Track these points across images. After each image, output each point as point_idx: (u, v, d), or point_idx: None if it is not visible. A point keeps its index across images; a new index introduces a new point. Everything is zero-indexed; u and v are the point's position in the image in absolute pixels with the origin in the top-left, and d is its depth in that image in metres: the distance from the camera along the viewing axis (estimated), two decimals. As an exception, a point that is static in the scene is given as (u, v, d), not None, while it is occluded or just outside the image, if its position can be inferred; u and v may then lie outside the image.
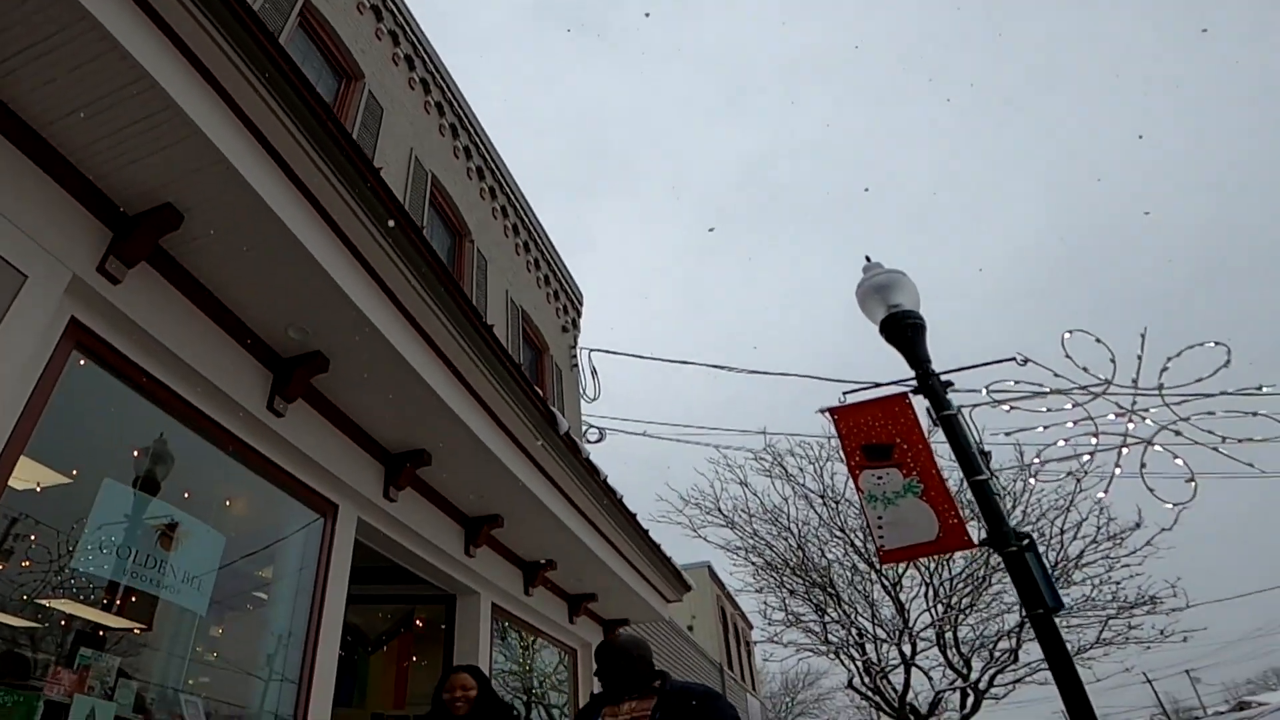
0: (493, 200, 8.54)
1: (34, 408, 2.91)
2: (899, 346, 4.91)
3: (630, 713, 2.90)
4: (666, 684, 2.99)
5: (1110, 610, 13.56)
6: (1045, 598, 4.47)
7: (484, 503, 5.56)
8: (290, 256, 3.39)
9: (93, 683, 3.16)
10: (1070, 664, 4.41)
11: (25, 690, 2.87)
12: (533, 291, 9.39)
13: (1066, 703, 4.25)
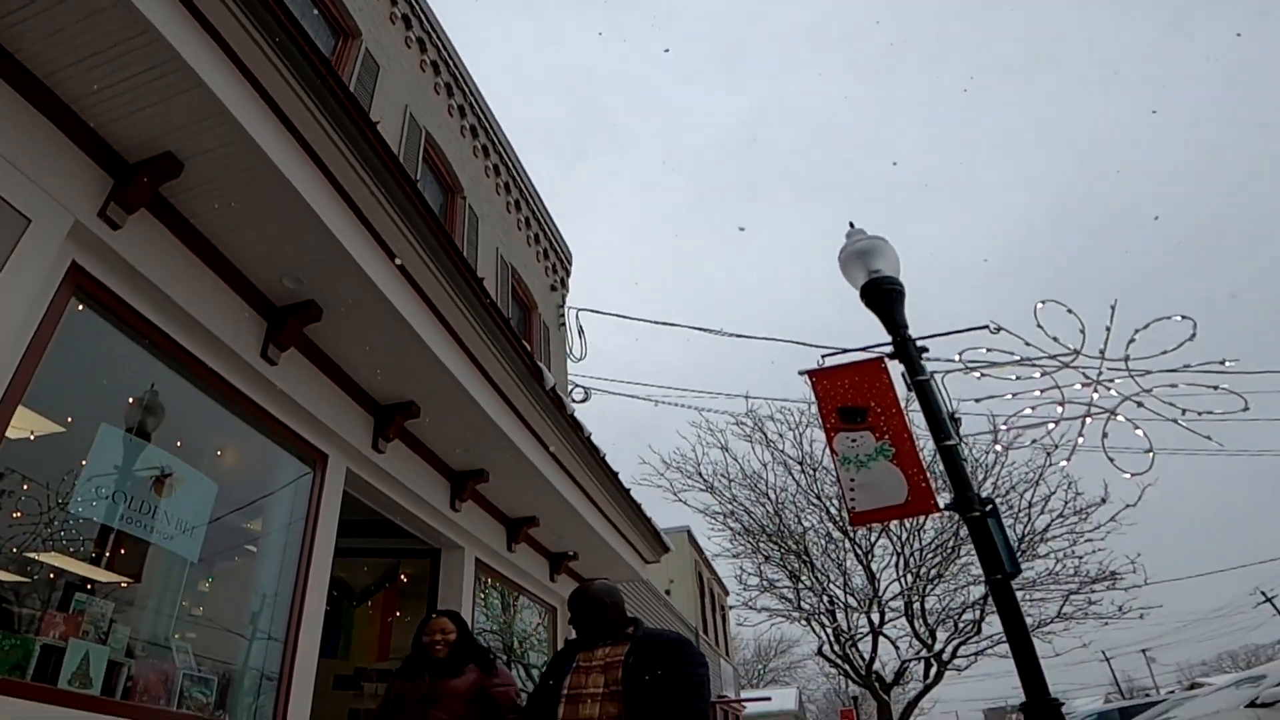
0: (485, 158, 8.58)
1: (35, 351, 2.98)
2: (877, 311, 5.05)
3: (604, 658, 2.93)
4: (639, 630, 3.05)
5: (1072, 585, 13.93)
6: (1004, 563, 4.68)
7: (470, 457, 5.70)
8: (288, 206, 3.47)
9: (87, 627, 3.26)
10: (1024, 627, 4.61)
11: (21, 634, 2.96)
12: (523, 250, 9.47)
13: (1019, 663, 4.46)
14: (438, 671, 3.65)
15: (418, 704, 3.55)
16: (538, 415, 5.58)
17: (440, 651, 3.72)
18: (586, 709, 2.79)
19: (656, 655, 2.82)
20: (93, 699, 3.09)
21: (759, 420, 14.37)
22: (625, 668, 2.81)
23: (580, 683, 2.88)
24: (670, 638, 3.00)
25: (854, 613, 15.46)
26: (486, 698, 3.59)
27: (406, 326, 4.19)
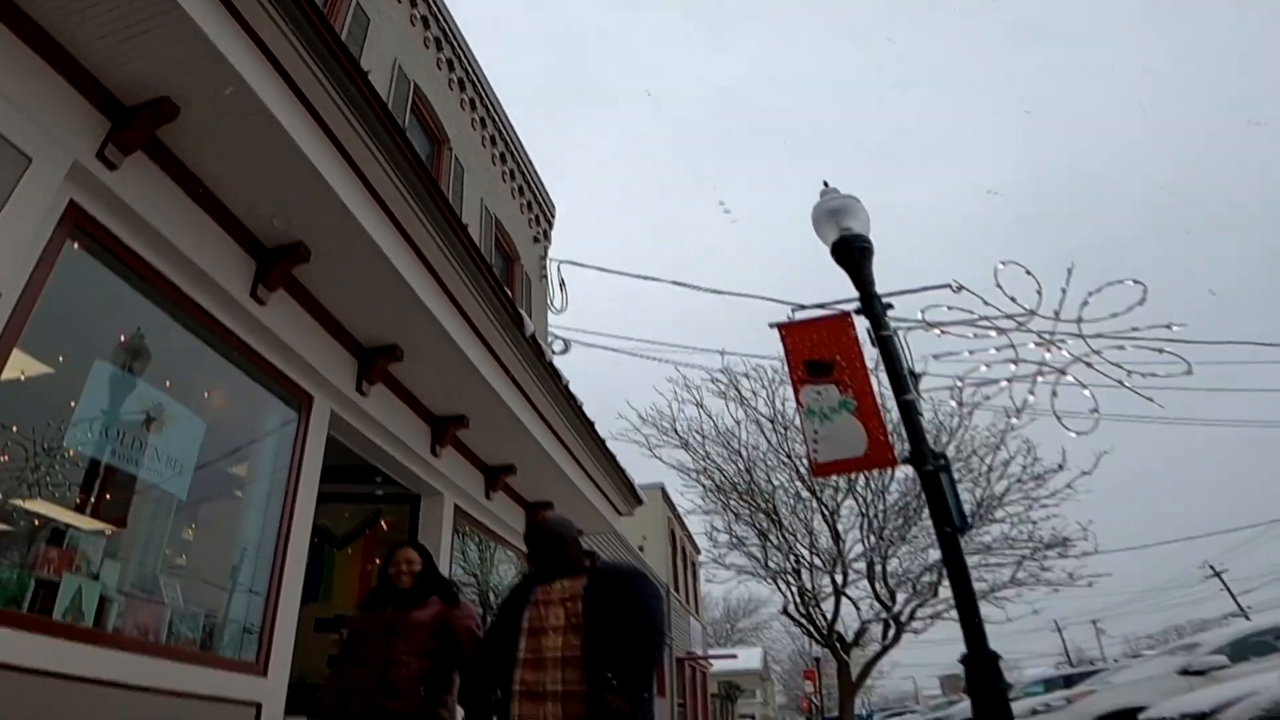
0: (472, 111, 8.66)
1: (33, 288, 3.09)
2: (847, 268, 5.26)
3: (563, 592, 2.94)
4: (596, 563, 3.08)
5: (1025, 550, 14.36)
6: (954, 518, 4.96)
7: (451, 402, 5.88)
8: (280, 150, 3.59)
9: (80, 562, 3.39)
10: (968, 581, 4.87)
11: (17, 569, 3.09)
12: (507, 201, 9.59)
13: (961, 615, 4.71)
14: (401, 603, 3.64)
15: (381, 635, 3.51)
16: (517, 361, 5.75)
17: (405, 582, 3.71)
18: (549, 641, 2.81)
19: (615, 587, 2.87)
20: (86, 631, 3.23)
21: (734, 377, 14.64)
22: (585, 600, 2.83)
23: (540, 616, 2.90)
24: (627, 570, 3.07)
25: (818, 572, 15.90)
26: (448, 630, 3.57)
27: (391, 268, 4.33)
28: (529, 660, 2.80)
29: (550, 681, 2.72)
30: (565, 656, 2.74)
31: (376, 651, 3.46)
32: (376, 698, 3.36)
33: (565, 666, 2.72)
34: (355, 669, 3.50)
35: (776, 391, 14.62)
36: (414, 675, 3.41)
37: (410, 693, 3.38)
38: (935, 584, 14.95)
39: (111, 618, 3.48)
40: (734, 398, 14.64)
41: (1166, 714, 6.14)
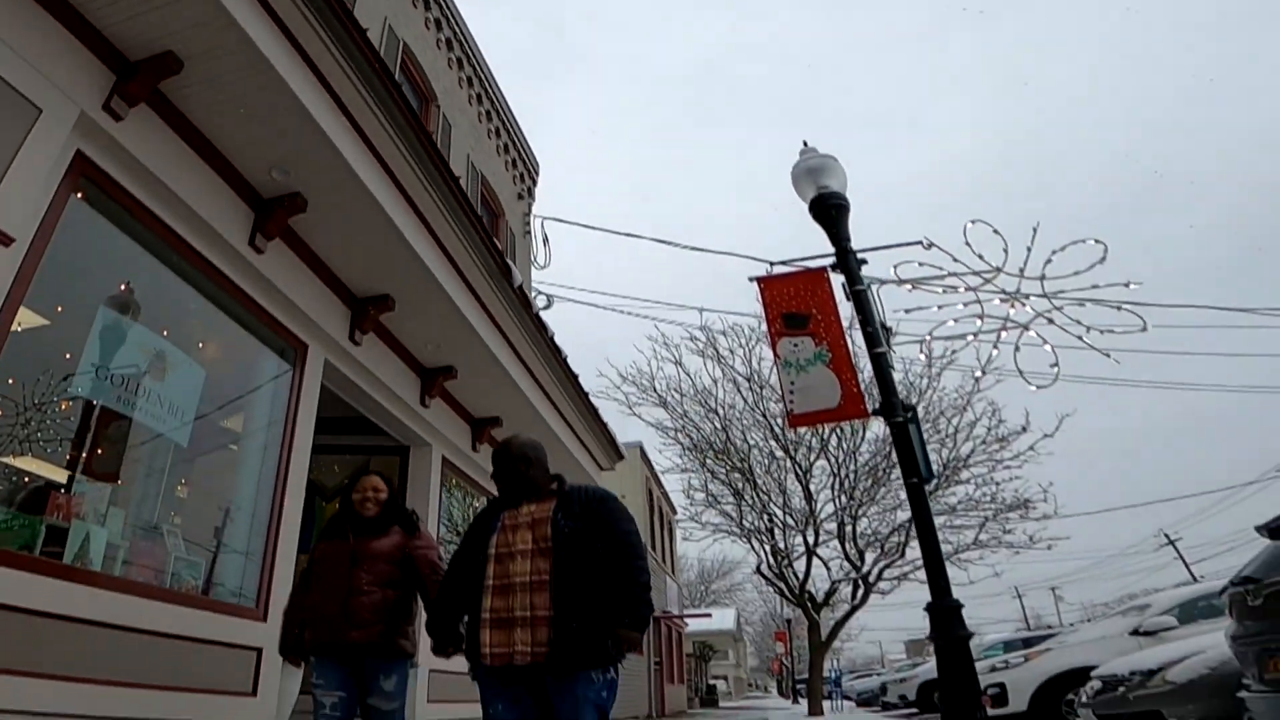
0: (460, 70, 8.71)
1: (44, 235, 3.20)
2: (824, 225, 5.45)
3: (531, 515, 2.85)
4: (564, 486, 2.97)
5: (989, 511, 14.78)
6: (920, 468, 5.22)
7: (440, 353, 6.05)
8: (280, 102, 3.72)
9: (87, 510, 3.53)
10: (933, 530, 5.12)
11: (29, 515, 3.22)
12: (492, 159, 9.68)
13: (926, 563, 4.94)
14: (362, 531, 3.54)
15: (342, 564, 3.42)
16: (505, 312, 5.91)
17: (371, 510, 3.59)
18: (517, 566, 2.73)
19: (585, 511, 2.80)
20: (94, 574, 3.38)
21: (712, 335, 14.84)
22: (554, 524, 2.75)
23: (508, 541, 2.81)
24: (598, 493, 2.95)
25: (791, 532, 16.29)
26: (410, 559, 3.52)
27: (385, 217, 4.47)
28: (497, 587, 2.73)
29: (519, 608, 2.66)
30: (534, 582, 2.68)
31: (338, 581, 3.38)
32: (338, 627, 3.29)
33: (534, 592, 2.66)
34: (317, 599, 3.42)
35: (753, 350, 14.84)
36: (376, 605, 3.34)
37: (372, 622, 3.31)
38: (902, 544, 15.33)
39: (118, 562, 3.62)
40: (711, 356, 14.87)
41: (1117, 671, 6.35)
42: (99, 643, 3.22)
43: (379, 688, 3.33)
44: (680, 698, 25.21)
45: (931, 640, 4.77)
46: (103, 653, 3.23)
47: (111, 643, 3.28)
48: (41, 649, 2.95)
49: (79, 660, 3.10)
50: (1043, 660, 8.77)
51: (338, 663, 3.32)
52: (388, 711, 3.35)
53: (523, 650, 2.61)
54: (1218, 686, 5.17)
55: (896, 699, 17.78)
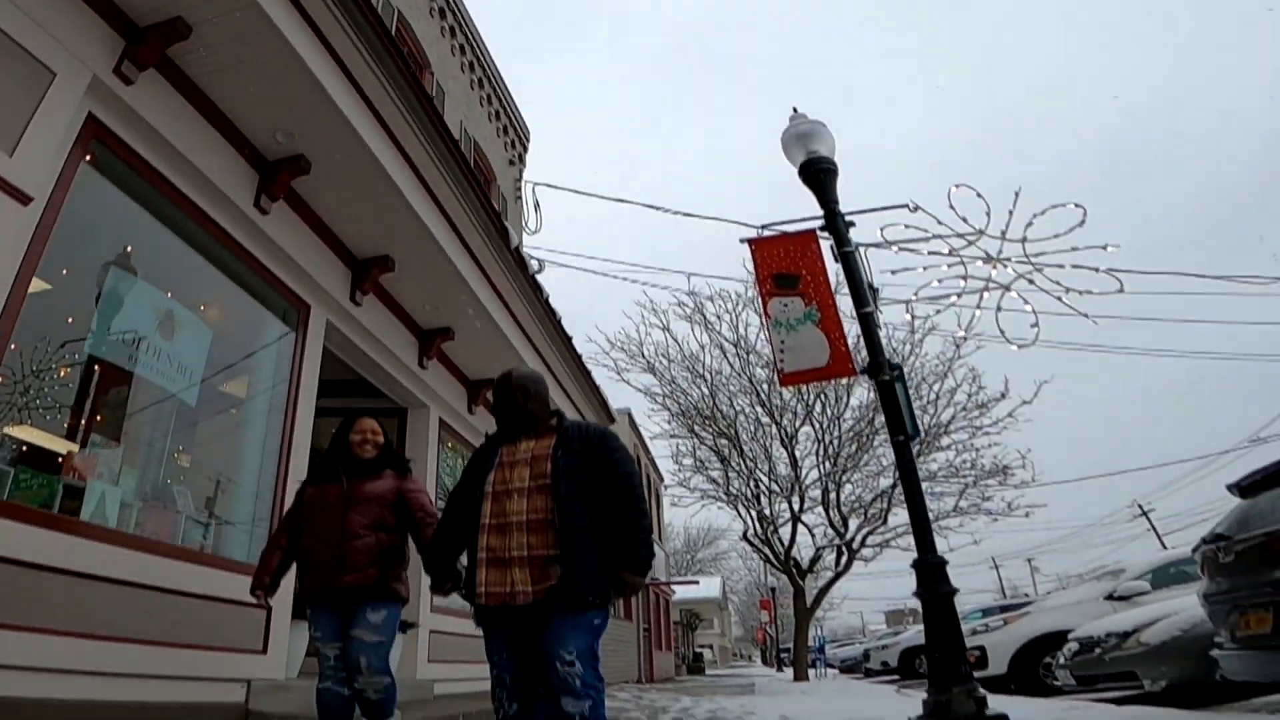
0: (452, 38, 8.76)
1: (58, 195, 3.28)
2: (813, 188, 5.60)
3: (530, 451, 2.77)
4: (564, 422, 2.90)
5: (969, 478, 15.04)
6: (907, 425, 5.41)
7: (438, 314, 6.17)
8: (287, 67, 3.81)
9: (101, 469, 3.63)
10: (918, 486, 5.30)
11: (47, 474, 3.31)
12: (484, 125, 9.76)
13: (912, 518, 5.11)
14: (355, 474, 3.47)
15: (335, 507, 3.35)
16: (501, 273, 6.04)
17: (370, 452, 3.54)
18: (513, 504, 2.67)
19: (586, 448, 2.73)
20: (110, 532, 3.47)
21: (699, 301, 14.97)
22: (553, 461, 2.68)
23: (505, 478, 2.74)
24: (598, 430, 2.88)
25: (777, 498, 16.54)
26: (403, 502, 3.46)
27: (386, 177, 4.56)
28: (494, 526, 2.67)
29: (515, 547, 2.61)
30: (531, 520, 2.62)
31: (331, 525, 3.31)
32: (331, 572, 3.23)
33: (530, 531, 2.61)
34: (309, 543, 3.35)
35: (740, 316, 14.97)
36: (370, 549, 3.28)
37: (366, 565, 3.25)
38: (885, 510, 15.57)
39: (132, 521, 3.71)
40: (699, 321, 14.99)
41: (1093, 633, 6.59)
42: (115, 599, 3.28)
43: (365, 619, 3.22)
44: (668, 664, 25.71)
45: (918, 596, 4.94)
46: (119, 609, 3.30)
47: (127, 599, 3.35)
48: (57, 605, 3.01)
49: (93, 616, 3.15)
50: (1021, 624, 9.01)
51: (332, 610, 3.26)
52: (371, 645, 3.21)
53: (523, 590, 2.56)
54: (1189, 648, 5.35)
55: (879, 665, 18.23)
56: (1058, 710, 4.89)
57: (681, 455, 16.66)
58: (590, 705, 2.49)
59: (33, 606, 2.90)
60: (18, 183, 3.00)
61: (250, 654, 4.12)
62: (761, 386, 15.04)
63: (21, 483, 3.17)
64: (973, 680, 4.58)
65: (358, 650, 3.19)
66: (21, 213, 3.04)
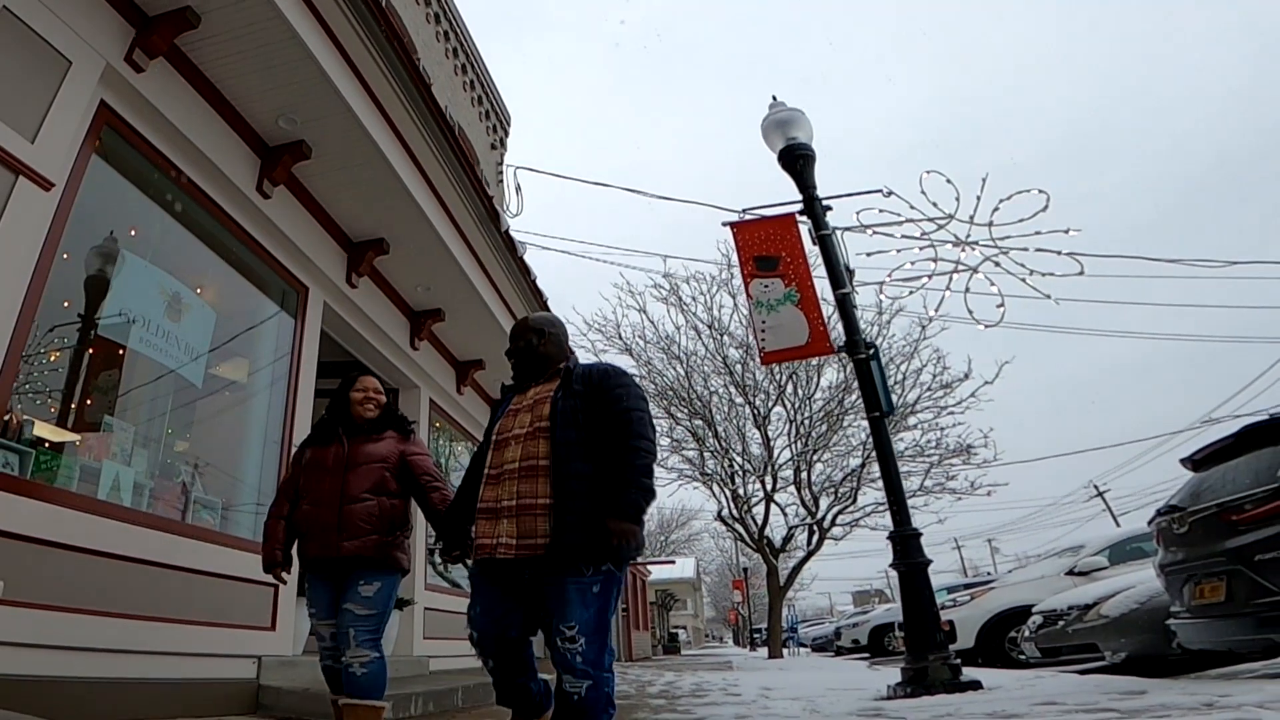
0: (436, 24, 8.83)
1: (74, 180, 3.37)
2: (792, 174, 5.86)
3: (534, 397, 2.60)
4: (571, 363, 2.71)
5: (934, 457, 15.46)
6: (882, 402, 5.70)
7: (430, 296, 6.32)
8: (291, 52, 3.93)
9: (115, 449, 3.70)
10: (893, 461, 5.60)
11: (64, 454, 3.39)
12: (467, 110, 9.86)
13: (888, 492, 5.41)
14: (355, 435, 3.29)
15: (334, 469, 3.17)
16: (491, 254, 6.20)
17: (371, 412, 3.37)
18: (510, 452, 2.50)
19: (587, 387, 2.53)
20: (126, 510, 3.57)
21: (675, 283, 15.22)
22: (552, 403, 2.50)
23: (508, 426, 2.59)
24: (603, 367, 2.68)
25: (750, 477, 16.87)
26: (405, 465, 3.27)
27: (384, 161, 4.70)
28: (491, 476, 2.52)
29: (506, 496, 2.43)
30: (523, 468, 2.44)
31: (331, 487, 3.13)
32: (330, 538, 3.04)
33: (521, 479, 2.42)
34: (307, 509, 3.15)
35: (714, 298, 15.24)
36: (371, 513, 3.10)
37: (367, 532, 3.06)
38: (855, 490, 15.95)
39: (145, 500, 3.81)
40: (675, 303, 15.25)
41: (1056, 606, 6.84)
42: (129, 576, 3.36)
43: (356, 592, 3.01)
44: (646, 644, 26.10)
45: (894, 567, 5.19)
46: (134, 586, 3.38)
47: (141, 577, 3.43)
48: (73, 582, 3.07)
49: (106, 594, 3.23)
50: (988, 599, 9.34)
51: (328, 583, 3.09)
52: (361, 617, 2.99)
53: (506, 543, 2.37)
54: (1146, 621, 5.52)
55: (850, 643, 18.65)
56: (1026, 679, 5.07)
57: (659, 435, 16.92)
58: (589, 686, 2.26)
59: (51, 584, 2.96)
60: (40, 169, 3.10)
61: (260, 630, 4.21)
62: (735, 368, 15.33)
63: (41, 463, 3.26)
64: (948, 649, 4.87)
65: (346, 623, 2.98)
66: (44, 198, 3.14)
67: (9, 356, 2.95)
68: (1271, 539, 3.60)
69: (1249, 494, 3.83)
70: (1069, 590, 7.44)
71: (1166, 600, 4.86)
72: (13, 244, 2.99)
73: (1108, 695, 3.66)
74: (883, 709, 4.07)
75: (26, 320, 3.07)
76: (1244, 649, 4.36)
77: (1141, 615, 5.69)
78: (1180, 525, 4.42)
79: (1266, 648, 4.10)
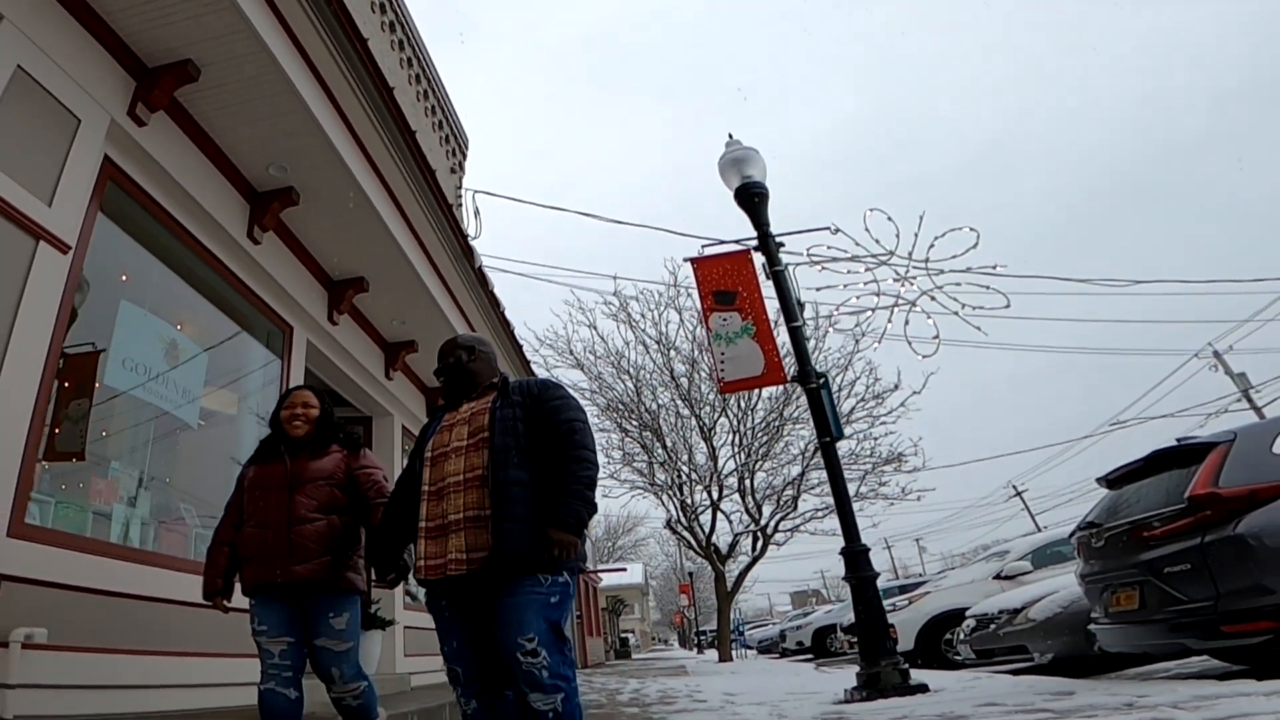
0: (401, 51, 8.88)
1: (84, 238, 3.48)
2: (747, 211, 6.21)
3: (470, 411, 2.54)
4: (507, 380, 2.66)
5: (868, 465, 16.09)
6: (832, 428, 6.10)
7: (404, 329, 6.56)
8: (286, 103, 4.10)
9: (121, 493, 3.85)
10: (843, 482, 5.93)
11: (79, 501, 3.56)
12: (429, 135, 9.92)
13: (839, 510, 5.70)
14: (297, 451, 3.09)
15: (279, 490, 2.97)
16: (464, 289, 6.44)
17: (300, 429, 3.14)
18: (450, 465, 2.42)
19: (526, 398, 2.50)
20: (135, 551, 3.72)
21: (624, 300, 15.60)
22: (490, 414, 2.45)
23: (444, 441, 2.51)
24: (540, 380, 2.68)
25: (697, 486, 17.29)
26: (353, 481, 3.10)
27: (368, 205, 4.88)
28: (431, 493, 2.42)
29: (452, 511, 2.35)
30: (467, 479, 2.37)
31: (275, 509, 2.94)
32: (280, 563, 2.85)
33: (466, 491, 2.35)
34: (251, 532, 2.96)
35: (662, 314, 15.67)
36: (321, 534, 2.92)
37: (318, 554, 2.89)
38: (795, 497, 16.46)
39: (151, 539, 3.94)
40: (624, 320, 15.61)
41: (988, 610, 7.23)
42: (141, 613, 3.51)
43: (328, 626, 2.89)
44: (599, 650, 26.35)
45: (846, 580, 5.54)
46: (154, 624, 3.54)
47: (156, 614, 3.58)
48: (104, 624, 3.21)
49: (132, 632, 3.39)
50: (924, 603, 9.79)
51: (280, 603, 2.87)
52: (340, 653, 2.90)
53: (456, 559, 2.29)
54: (1070, 623, 5.85)
55: (795, 645, 19.20)
56: (966, 680, 5.43)
57: (611, 448, 17.21)
58: (563, 699, 2.20)
59: (85, 627, 3.11)
60: (58, 232, 3.20)
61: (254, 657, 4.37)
62: (682, 381, 15.76)
63: (60, 511, 3.40)
64: (897, 654, 5.28)
65: (328, 661, 2.89)
66: (60, 261, 3.25)
67: (34, 420, 3.05)
68: (1178, 553, 3.97)
69: (1157, 513, 4.20)
70: (998, 595, 7.85)
71: (1087, 605, 5.19)
72: (37, 310, 3.08)
73: (1041, 696, 4.08)
74: (844, 713, 4.45)
75: (48, 383, 3.18)
76: (1157, 652, 4.76)
77: (1065, 619, 6.03)
78: (1098, 539, 4.76)
79: (1177, 651, 4.49)
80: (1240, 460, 4.00)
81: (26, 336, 3.04)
